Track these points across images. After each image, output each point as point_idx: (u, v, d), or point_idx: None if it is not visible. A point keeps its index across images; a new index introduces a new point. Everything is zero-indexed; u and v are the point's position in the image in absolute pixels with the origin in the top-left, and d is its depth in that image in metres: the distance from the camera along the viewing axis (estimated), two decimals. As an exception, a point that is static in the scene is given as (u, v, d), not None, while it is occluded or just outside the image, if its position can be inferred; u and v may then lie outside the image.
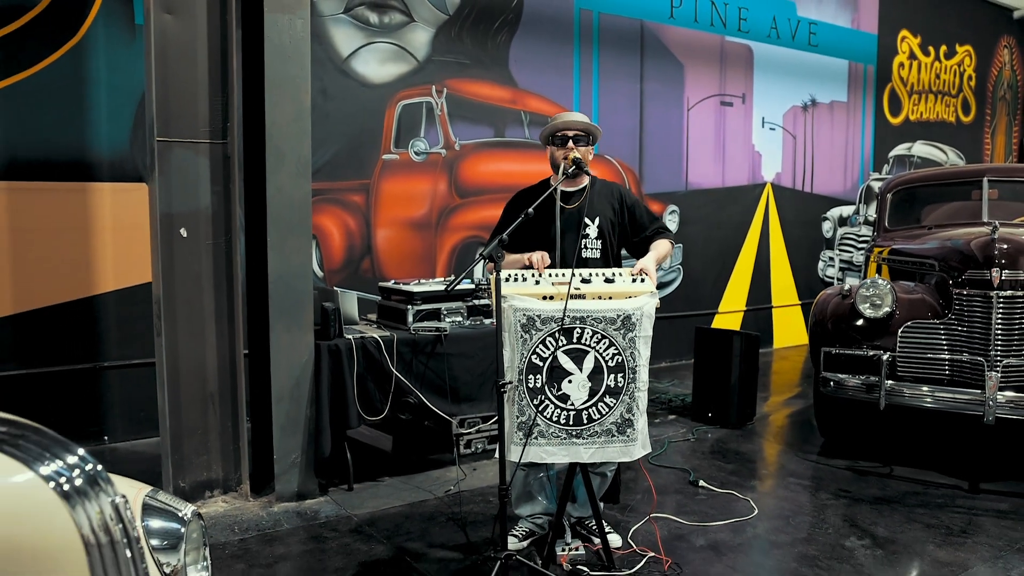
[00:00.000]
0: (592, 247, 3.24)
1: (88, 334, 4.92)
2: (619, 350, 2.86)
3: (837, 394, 4.49)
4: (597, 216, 3.26)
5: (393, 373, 4.08)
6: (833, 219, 8.78)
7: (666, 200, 7.33)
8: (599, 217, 3.26)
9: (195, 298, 3.88)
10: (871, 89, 9.00)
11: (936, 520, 3.70)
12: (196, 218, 3.87)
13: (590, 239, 3.24)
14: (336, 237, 5.67)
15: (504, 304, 2.86)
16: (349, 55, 5.62)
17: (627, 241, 3.35)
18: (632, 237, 3.33)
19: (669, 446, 4.87)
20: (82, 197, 4.93)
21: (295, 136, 3.91)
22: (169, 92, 3.76)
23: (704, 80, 7.53)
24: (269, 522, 3.70)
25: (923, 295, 4.45)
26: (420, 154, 5.94)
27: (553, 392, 2.86)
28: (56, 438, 1.37)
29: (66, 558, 1.21)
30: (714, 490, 4.09)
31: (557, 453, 2.88)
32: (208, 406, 3.93)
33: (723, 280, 7.85)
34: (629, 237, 3.34)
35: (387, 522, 3.70)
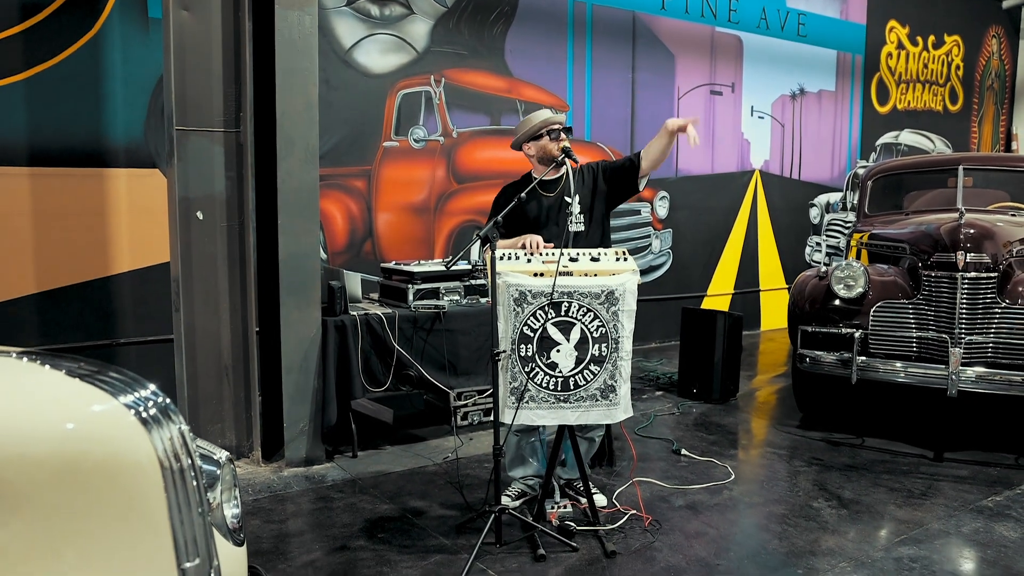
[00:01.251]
0: (577, 221, 3.54)
1: (106, 312, 5.19)
2: (603, 322, 3.14)
3: (813, 370, 4.76)
4: (578, 194, 3.56)
5: (395, 348, 4.36)
6: (820, 205, 9.04)
7: (656, 186, 7.59)
8: (579, 195, 3.56)
9: (210, 277, 4.15)
10: (859, 78, 9.24)
11: (899, 484, 3.99)
12: (211, 202, 4.14)
13: (574, 215, 3.53)
14: (339, 221, 5.94)
15: (499, 280, 3.14)
16: (351, 46, 5.86)
17: (612, 189, 3.62)
18: (614, 175, 3.62)
19: (655, 419, 5.16)
20: (99, 182, 5.18)
21: (304, 125, 4.17)
22: (186, 84, 4.02)
23: (694, 70, 7.77)
24: (280, 485, 3.99)
25: (895, 277, 4.72)
26: (419, 141, 6.19)
27: (543, 360, 3.14)
28: (132, 375, 1.64)
29: (146, 477, 1.47)
30: (695, 458, 4.38)
31: (546, 416, 3.17)
32: (222, 378, 4.21)
33: (712, 264, 8.12)
34: (613, 182, 3.62)
35: (389, 485, 3.99)
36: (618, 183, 3.64)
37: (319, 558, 3.16)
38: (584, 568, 3.05)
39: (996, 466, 4.29)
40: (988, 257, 4.34)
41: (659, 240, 7.64)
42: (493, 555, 3.14)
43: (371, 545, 3.28)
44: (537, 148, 3.60)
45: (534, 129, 3.58)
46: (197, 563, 1.52)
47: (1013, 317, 4.27)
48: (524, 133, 3.62)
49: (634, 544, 3.26)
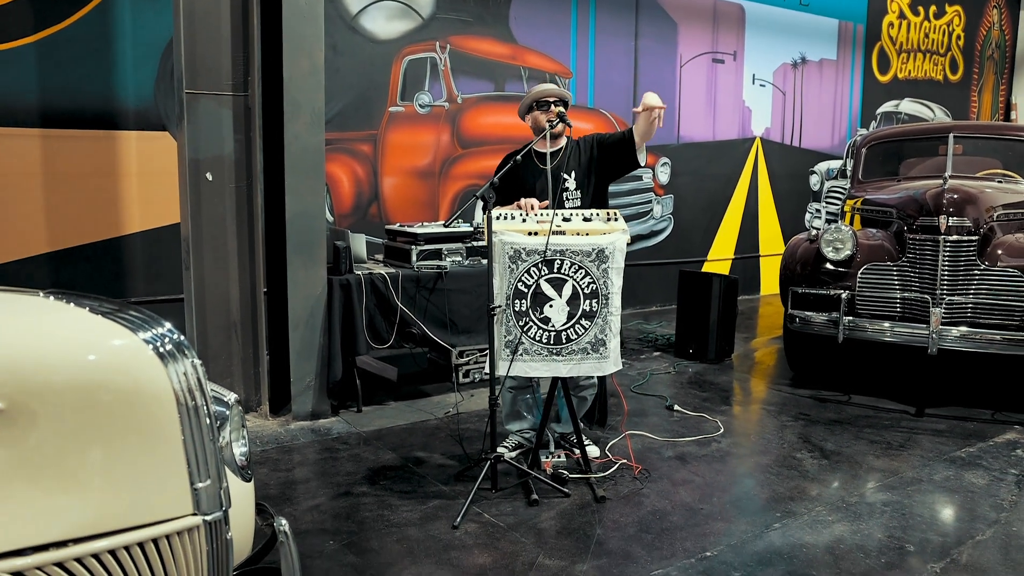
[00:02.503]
0: (572, 197, 3.66)
1: (116, 272, 5.34)
2: (594, 279, 3.29)
3: (803, 330, 4.91)
4: (573, 170, 3.68)
5: (398, 306, 4.52)
6: (820, 173, 9.12)
7: (658, 152, 7.68)
8: (575, 171, 3.68)
9: (219, 236, 4.30)
10: (860, 48, 9.26)
11: (880, 437, 4.16)
12: (220, 163, 4.27)
13: (570, 191, 3.66)
14: (346, 184, 6.07)
15: (495, 238, 3.28)
16: (358, 12, 5.95)
17: (607, 162, 3.71)
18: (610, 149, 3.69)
19: (651, 377, 5.32)
20: (110, 144, 5.31)
21: (310, 89, 4.29)
22: (196, 48, 4.14)
23: (697, 38, 7.82)
24: (287, 437, 4.17)
25: (882, 240, 4.85)
26: (424, 107, 6.30)
27: (536, 315, 3.29)
28: (150, 314, 1.79)
29: (161, 405, 1.63)
30: (687, 413, 4.55)
31: (539, 368, 3.33)
32: (231, 334, 4.38)
33: (712, 230, 8.24)
34: (608, 156, 3.70)
35: (392, 437, 4.17)
36: (615, 156, 3.70)
37: (324, 503, 3.34)
38: (575, 512, 3.23)
39: (973, 421, 4.46)
40: (969, 221, 4.46)
41: (660, 206, 7.76)
42: (489, 500, 3.32)
43: (373, 491, 3.46)
44: (532, 120, 3.72)
45: (528, 101, 3.70)
46: (208, 483, 1.69)
47: (992, 279, 4.41)
48: (522, 105, 3.75)
49: (623, 490, 3.44)
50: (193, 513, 1.67)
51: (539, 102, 3.68)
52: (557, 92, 3.72)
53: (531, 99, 3.70)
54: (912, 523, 3.16)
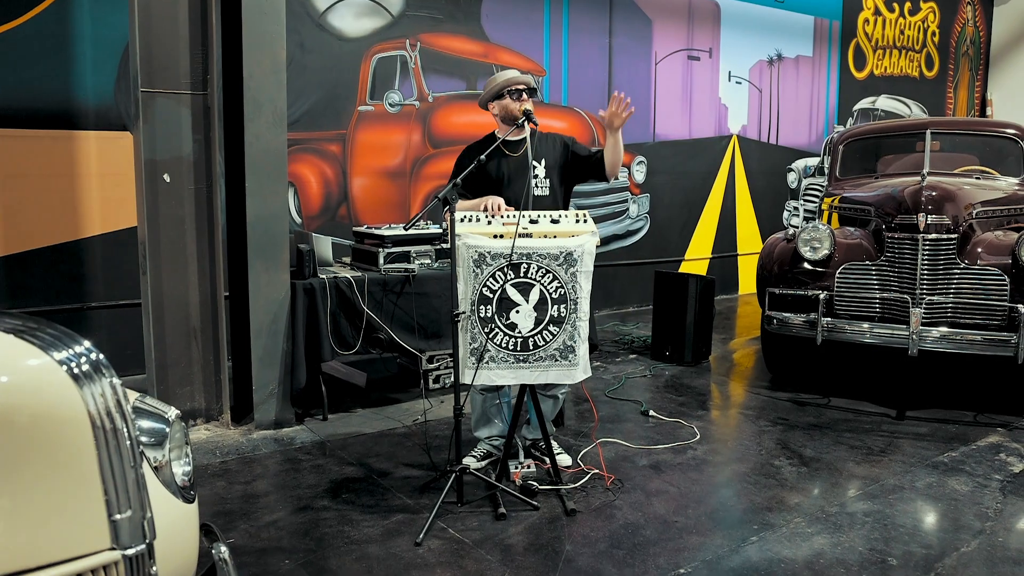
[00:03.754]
0: (541, 186, 3.55)
1: (76, 275, 5.17)
2: (562, 284, 3.16)
3: (781, 331, 4.82)
4: (543, 158, 3.57)
5: (364, 311, 4.38)
6: (798, 170, 9.06)
7: (634, 151, 7.58)
8: (544, 159, 3.57)
9: (178, 240, 4.14)
10: (836, 44, 9.22)
11: (860, 442, 4.07)
12: (179, 165, 4.11)
13: (539, 179, 3.54)
14: (314, 185, 5.92)
15: (458, 241, 3.15)
16: (325, 9, 5.80)
17: (576, 173, 3.66)
18: (581, 164, 3.63)
19: (626, 381, 5.21)
20: (68, 144, 5.14)
21: (271, 87, 4.14)
22: (152, 46, 3.98)
23: (672, 35, 7.73)
24: (248, 447, 4.02)
25: (860, 239, 4.77)
26: (394, 106, 6.16)
27: (502, 321, 3.16)
28: (66, 331, 1.65)
29: (76, 430, 1.49)
30: (662, 419, 4.44)
31: (505, 375, 3.20)
32: (191, 341, 4.22)
33: (689, 229, 8.15)
34: (577, 168, 3.65)
35: (358, 447, 4.03)
36: (585, 171, 3.66)
37: (282, 518, 3.20)
38: (544, 526, 3.10)
39: (955, 423, 4.38)
40: (948, 219, 4.38)
41: (636, 205, 7.66)
42: (455, 514, 3.19)
43: (335, 505, 3.32)
44: (500, 107, 3.60)
45: (497, 88, 3.57)
46: (129, 514, 1.55)
47: (972, 277, 4.33)
48: (488, 92, 3.62)
49: (595, 502, 3.32)
50: (111, 547, 1.53)
51: (511, 90, 3.56)
52: (527, 80, 3.59)
53: (499, 87, 3.57)
54: (894, 534, 3.06)
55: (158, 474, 2.08)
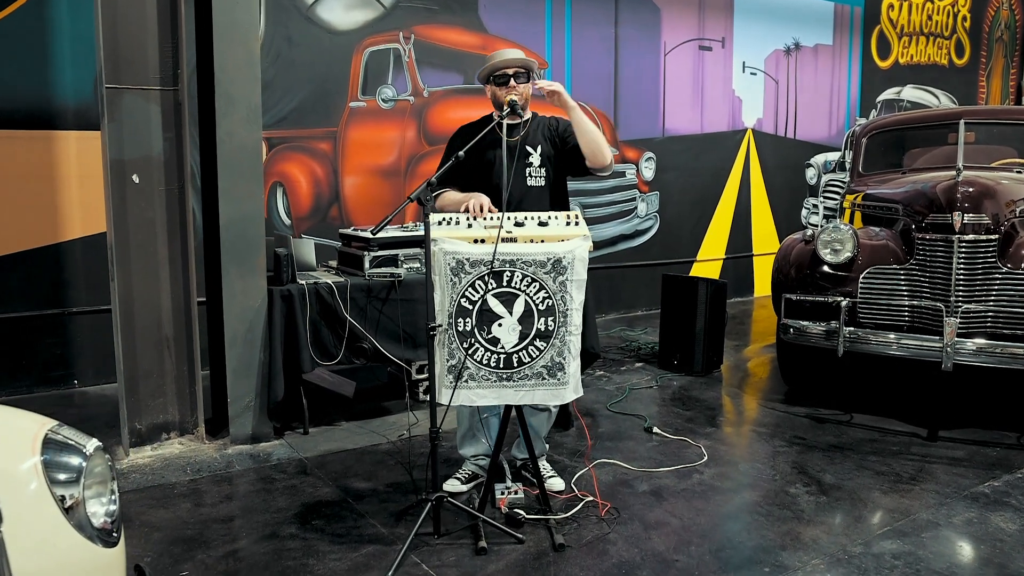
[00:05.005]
0: (536, 175, 3.25)
1: (56, 280, 4.97)
2: (550, 294, 2.86)
3: (798, 341, 4.48)
4: (539, 145, 3.27)
5: (346, 318, 4.09)
6: (817, 166, 8.68)
7: (642, 147, 7.25)
8: (540, 146, 3.27)
9: (149, 244, 3.88)
10: (858, 32, 8.80)
11: (887, 467, 3.71)
12: (148, 164, 3.85)
13: (534, 167, 3.25)
14: (303, 185, 5.65)
15: (434, 247, 2.86)
16: (314, 2, 5.53)
17: (562, 161, 3.31)
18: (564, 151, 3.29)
19: (630, 393, 4.89)
20: (47, 145, 4.92)
21: (245, 82, 3.86)
22: (119, 39, 3.72)
23: (682, 24, 7.38)
24: (222, 464, 3.76)
25: (887, 240, 4.42)
26: (388, 101, 5.87)
27: (483, 335, 2.86)
28: None
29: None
30: (667, 437, 4.11)
31: (487, 396, 2.90)
32: (163, 350, 3.96)
33: (702, 228, 7.81)
34: (562, 156, 3.30)
35: (337, 464, 3.75)
36: (566, 159, 3.31)
37: (243, 547, 2.93)
38: (527, 563, 2.80)
39: (995, 446, 3.99)
40: (988, 218, 4.01)
41: (645, 203, 7.33)
42: (431, 546, 2.90)
43: (302, 533, 3.04)
44: (489, 92, 3.30)
45: (483, 73, 3.28)
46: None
47: (1015, 283, 3.96)
48: (481, 73, 3.32)
49: (587, 535, 3.01)
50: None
51: (496, 76, 3.24)
52: (518, 61, 3.21)
53: (488, 71, 3.26)
54: (923, 578, 2.72)
55: (70, 515, 1.84)
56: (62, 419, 4.37)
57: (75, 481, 1.88)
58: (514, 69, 3.20)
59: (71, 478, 1.88)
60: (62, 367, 4.98)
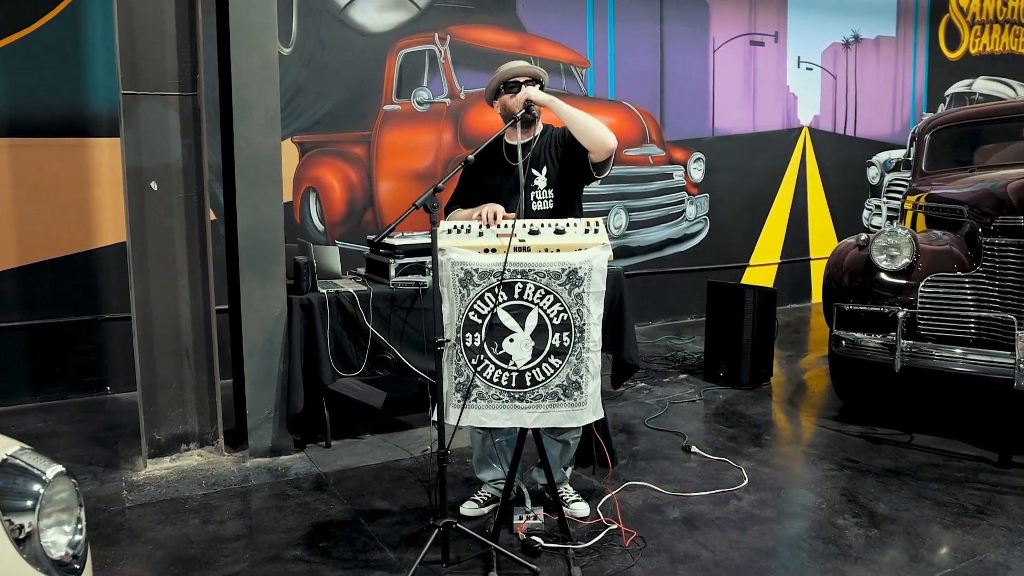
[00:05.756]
0: (542, 198, 3.04)
1: (89, 286, 4.98)
2: (565, 307, 2.64)
3: (851, 354, 4.16)
4: (544, 165, 3.05)
5: (369, 328, 3.94)
6: (879, 164, 8.22)
7: (690, 147, 6.96)
8: (546, 166, 3.05)
9: (167, 251, 3.81)
10: (924, 22, 8.30)
11: (950, 497, 3.36)
12: (167, 171, 3.78)
13: (539, 190, 3.04)
14: (337, 190, 5.55)
15: (442, 257, 2.67)
16: (347, 4, 5.43)
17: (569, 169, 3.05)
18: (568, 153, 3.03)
19: (670, 407, 4.63)
20: (81, 152, 4.94)
21: (263, 86, 3.76)
22: (136, 44, 3.66)
23: (732, 19, 7.06)
24: (238, 477, 3.65)
25: (950, 245, 4.07)
26: (423, 104, 5.73)
27: (493, 351, 2.67)
28: None
29: None
30: (706, 457, 3.85)
31: (498, 416, 2.70)
32: (182, 360, 3.88)
33: (755, 231, 7.47)
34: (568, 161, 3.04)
35: (354, 481, 3.61)
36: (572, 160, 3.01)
37: (243, 571, 2.79)
38: (540, 596, 2.59)
39: (1072, 474, 3.61)
40: None
41: (694, 206, 7.03)
42: (438, 576, 2.72)
43: (307, 556, 2.89)
44: (500, 106, 3.12)
45: (494, 85, 3.10)
46: None
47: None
48: (488, 90, 3.14)
49: (608, 567, 2.78)
50: None
51: (506, 84, 3.05)
52: (526, 70, 3.06)
53: (497, 81, 3.09)
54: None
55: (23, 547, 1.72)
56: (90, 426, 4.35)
57: (30, 510, 1.76)
58: (524, 77, 3.01)
59: (26, 506, 1.75)
60: (94, 373, 4.98)
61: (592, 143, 2.88)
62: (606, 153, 2.90)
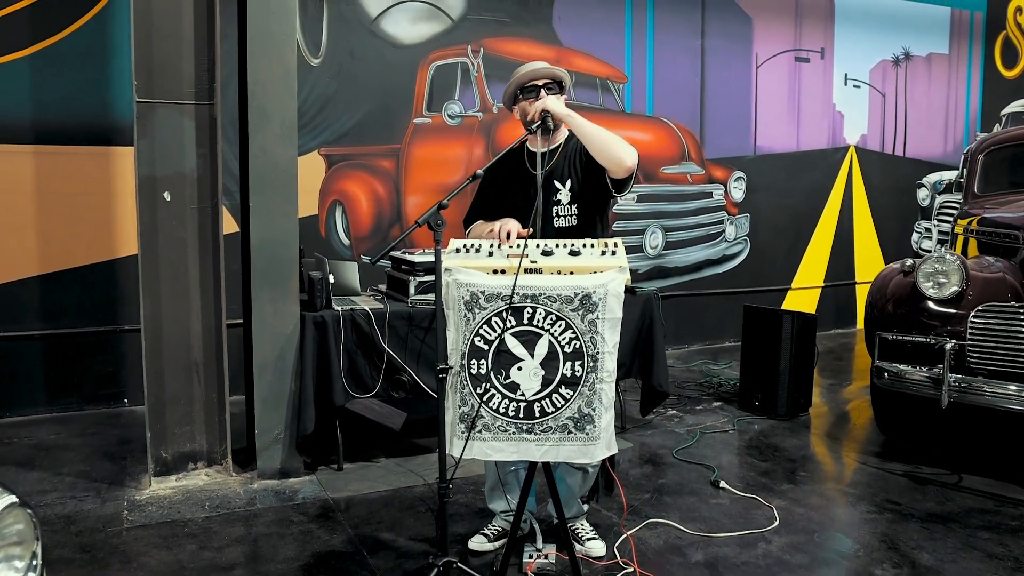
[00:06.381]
0: (565, 214, 2.86)
1: (110, 296, 4.94)
2: (577, 334, 2.46)
3: (894, 387, 3.90)
4: (568, 178, 2.86)
5: (384, 348, 3.80)
6: (930, 185, 7.87)
7: (731, 166, 6.72)
8: (570, 179, 2.86)
9: (179, 264, 3.72)
10: (979, 39, 7.95)
11: (1003, 549, 3.08)
12: (181, 181, 3.70)
13: (562, 205, 2.86)
14: (364, 204, 5.44)
15: (447, 278, 2.52)
16: (378, 15, 5.34)
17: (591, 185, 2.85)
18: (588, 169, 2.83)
19: (701, 437, 4.39)
20: (106, 161, 4.92)
21: (280, 95, 3.66)
22: (153, 51, 3.59)
23: (776, 34, 6.83)
24: (243, 500, 3.52)
25: (1003, 273, 3.80)
26: (454, 117, 5.61)
27: (500, 380, 2.49)
28: None
29: None
30: (736, 493, 3.61)
31: (505, 450, 2.52)
32: (192, 375, 3.78)
33: (797, 254, 7.18)
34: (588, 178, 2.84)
35: (363, 508, 3.45)
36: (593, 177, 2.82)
37: (234, 606, 2.65)
38: (544, 645, 2.40)
39: None
40: None
41: (734, 226, 6.79)
42: (436, 618, 2.54)
43: (303, 591, 2.74)
44: (519, 112, 2.94)
45: (511, 90, 2.92)
46: None
47: None
48: (506, 95, 2.97)
49: (619, 613, 2.58)
50: None
51: (524, 88, 2.87)
52: (545, 72, 2.84)
53: (514, 86, 2.90)
54: None
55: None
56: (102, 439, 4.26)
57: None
58: (544, 80, 2.83)
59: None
60: (113, 385, 4.92)
61: (608, 160, 2.69)
62: (624, 172, 2.70)
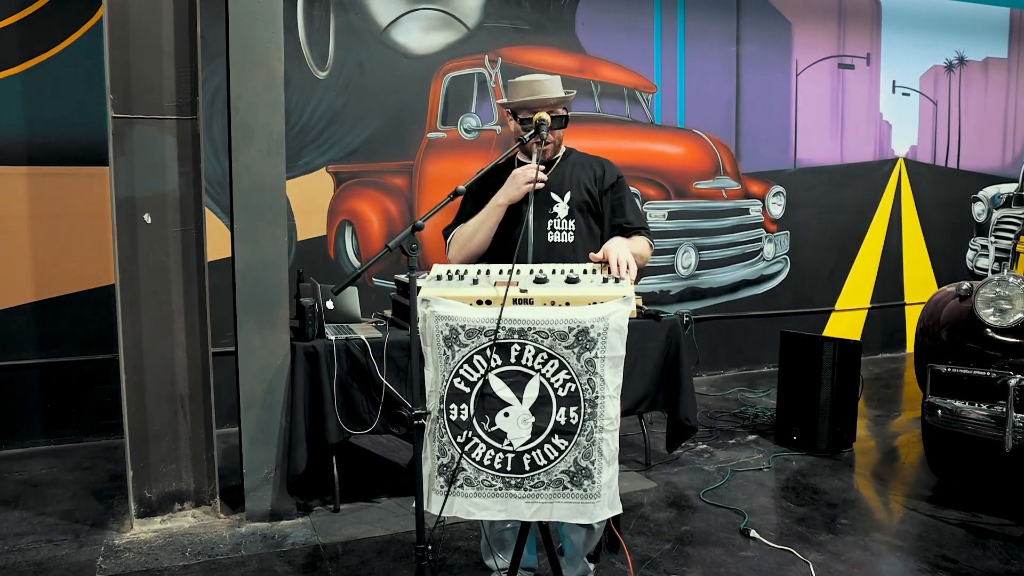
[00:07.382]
0: (561, 228, 2.56)
1: (109, 324, 4.68)
2: (572, 375, 2.12)
3: (949, 426, 3.48)
4: (568, 191, 2.57)
5: (382, 381, 3.51)
6: (986, 199, 7.36)
7: (769, 180, 6.32)
8: (571, 192, 2.57)
9: (162, 291, 3.48)
10: (1041, 41, 7.46)
11: (1073, 614, 2.67)
12: (162, 202, 3.46)
13: (559, 219, 2.57)
14: (375, 223, 5.18)
15: (424, 309, 2.20)
16: (389, 24, 5.10)
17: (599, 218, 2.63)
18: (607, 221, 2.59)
19: (732, 476, 4.00)
20: (102, 182, 4.71)
21: (265, 108, 3.41)
22: (130, 63, 3.37)
23: (818, 39, 6.43)
24: (228, 546, 3.25)
25: (1076, 299, 3.36)
26: (471, 131, 5.33)
27: (484, 427, 2.16)
28: None
29: None
30: (767, 544, 3.22)
31: (490, 507, 2.19)
32: (177, 409, 3.53)
33: (841, 273, 6.73)
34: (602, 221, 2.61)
35: (354, 557, 3.15)
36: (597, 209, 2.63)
37: None
38: None
39: None
40: None
41: (773, 244, 6.38)
42: None
43: (269, 661, 2.44)
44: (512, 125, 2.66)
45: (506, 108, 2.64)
46: None
47: None
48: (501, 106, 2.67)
49: None
50: None
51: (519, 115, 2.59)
52: (541, 103, 2.52)
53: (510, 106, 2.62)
54: None
55: None
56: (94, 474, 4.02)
57: None
58: (541, 114, 2.48)
59: None
60: (112, 416, 4.69)
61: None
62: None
